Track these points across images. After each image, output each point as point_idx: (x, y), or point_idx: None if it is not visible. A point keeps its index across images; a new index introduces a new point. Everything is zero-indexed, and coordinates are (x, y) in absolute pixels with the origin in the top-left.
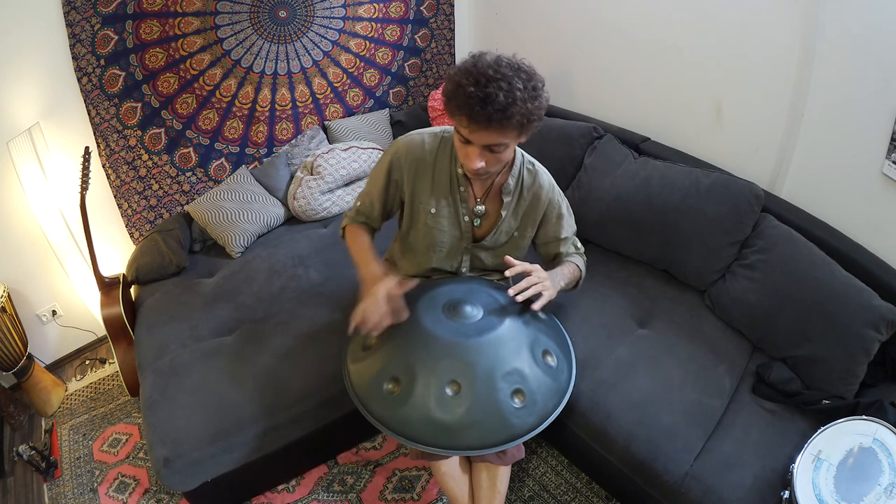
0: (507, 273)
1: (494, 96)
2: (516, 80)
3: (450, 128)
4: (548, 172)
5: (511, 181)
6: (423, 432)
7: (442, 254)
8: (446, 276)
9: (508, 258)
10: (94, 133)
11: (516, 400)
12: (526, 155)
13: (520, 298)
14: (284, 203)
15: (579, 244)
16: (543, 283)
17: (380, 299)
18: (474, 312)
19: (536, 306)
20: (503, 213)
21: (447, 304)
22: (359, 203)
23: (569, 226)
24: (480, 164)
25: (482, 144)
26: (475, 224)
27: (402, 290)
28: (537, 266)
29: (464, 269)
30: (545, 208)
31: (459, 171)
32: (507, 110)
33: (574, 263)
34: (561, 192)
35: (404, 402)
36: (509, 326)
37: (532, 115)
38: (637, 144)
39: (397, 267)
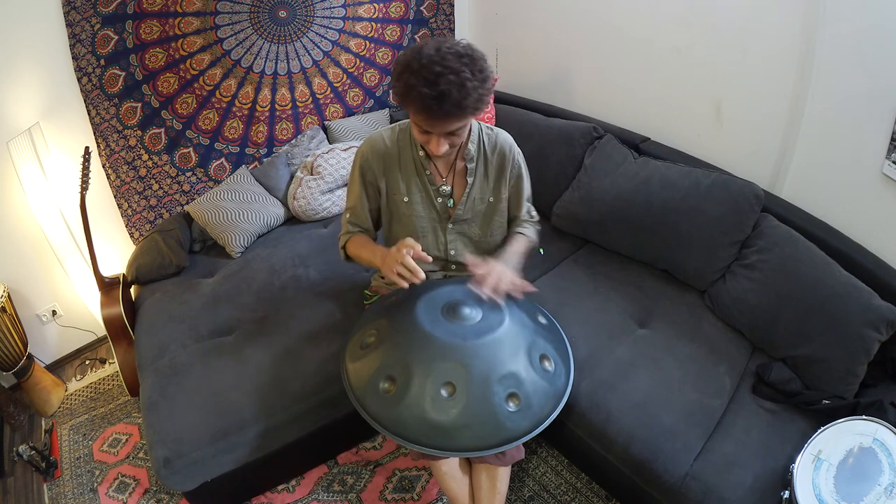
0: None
1: (447, 93)
2: (463, 70)
3: (405, 121)
4: (507, 133)
5: (471, 147)
6: (418, 432)
7: (427, 240)
8: (437, 266)
9: (470, 262)
10: (94, 133)
11: (511, 403)
12: (483, 123)
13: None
14: (284, 203)
15: (534, 212)
16: (506, 281)
17: (400, 249)
18: (473, 314)
19: (517, 293)
20: (469, 180)
21: (446, 305)
22: (347, 215)
23: (527, 186)
24: (444, 148)
25: (442, 133)
26: (448, 205)
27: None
28: (491, 266)
29: (452, 251)
30: (511, 164)
31: (421, 153)
32: (461, 103)
33: (525, 236)
34: (520, 151)
35: (399, 401)
36: (507, 330)
37: (482, 97)
38: (637, 144)
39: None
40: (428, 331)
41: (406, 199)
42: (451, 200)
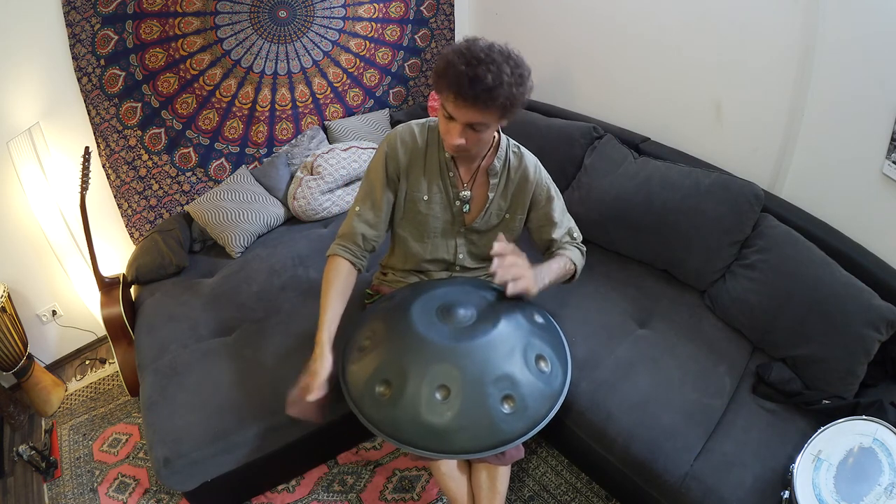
0: (492, 252)
1: (483, 76)
2: (505, 66)
3: (435, 119)
4: (534, 156)
5: (497, 163)
6: (413, 435)
7: (437, 240)
8: (441, 268)
9: (498, 240)
10: (94, 133)
11: (506, 405)
12: (511, 140)
13: (498, 276)
14: (284, 203)
15: (577, 234)
16: (522, 271)
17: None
18: (468, 316)
19: (509, 290)
20: (490, 195)
21: (441, 307)
22: (357, 208)
23: (559, 208)
24: (461, 140)
25: (465, 122)
26: (464, 210)
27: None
28: (523, 256)
29: (460, 256)
30: (534, 189)
31: (448, 155)
32: (492, 91)
33: (566, 257)
34: (548, 175)
35: (395, 404)
36: (502, 331)
37: (515, 99)
38: (637, 144)
39: (388, 270)
40: (422, 333)
41: (425, 198)
42: (467, 206)
